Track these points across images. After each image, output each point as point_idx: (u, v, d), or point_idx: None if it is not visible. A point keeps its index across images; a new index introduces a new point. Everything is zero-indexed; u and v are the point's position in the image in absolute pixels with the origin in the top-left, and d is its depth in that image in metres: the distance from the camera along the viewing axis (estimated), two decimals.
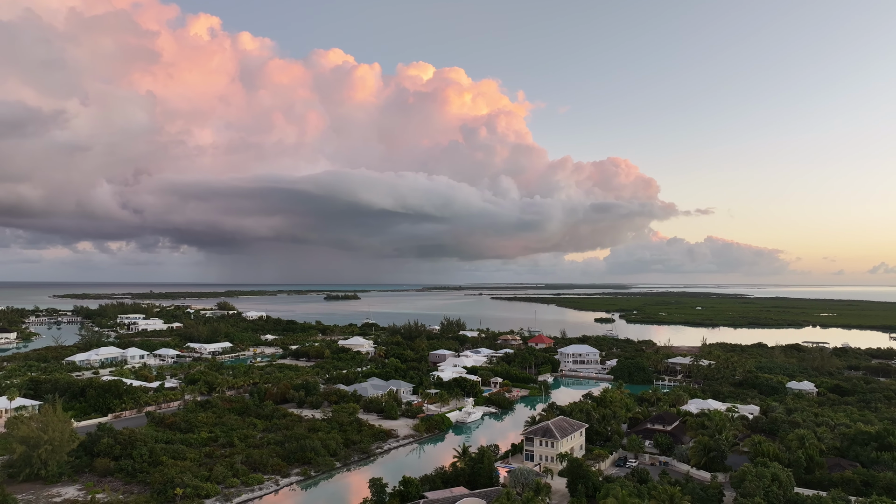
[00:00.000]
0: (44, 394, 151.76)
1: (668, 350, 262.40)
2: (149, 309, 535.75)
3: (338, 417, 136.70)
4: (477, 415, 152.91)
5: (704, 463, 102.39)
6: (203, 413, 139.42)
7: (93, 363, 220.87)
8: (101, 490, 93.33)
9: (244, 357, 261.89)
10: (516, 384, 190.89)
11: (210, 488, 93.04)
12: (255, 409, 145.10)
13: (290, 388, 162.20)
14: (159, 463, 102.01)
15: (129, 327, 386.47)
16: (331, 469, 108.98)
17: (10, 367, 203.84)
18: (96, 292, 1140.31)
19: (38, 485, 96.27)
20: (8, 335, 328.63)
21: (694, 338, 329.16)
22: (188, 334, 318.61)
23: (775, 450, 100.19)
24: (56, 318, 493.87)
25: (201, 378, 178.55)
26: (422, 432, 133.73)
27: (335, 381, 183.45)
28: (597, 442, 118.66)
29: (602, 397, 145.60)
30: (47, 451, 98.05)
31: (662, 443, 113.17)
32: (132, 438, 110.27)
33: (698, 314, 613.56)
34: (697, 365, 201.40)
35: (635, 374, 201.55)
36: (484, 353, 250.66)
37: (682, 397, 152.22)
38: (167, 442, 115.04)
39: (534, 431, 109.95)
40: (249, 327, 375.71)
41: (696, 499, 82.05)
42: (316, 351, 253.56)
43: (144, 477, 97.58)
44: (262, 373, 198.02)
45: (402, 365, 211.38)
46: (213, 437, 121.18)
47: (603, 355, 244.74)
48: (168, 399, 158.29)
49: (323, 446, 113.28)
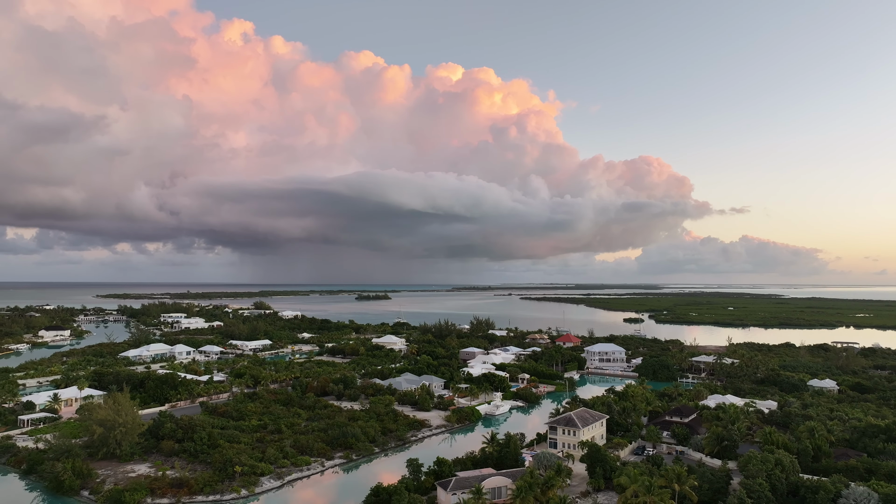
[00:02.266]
0: (107, 385, 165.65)
1: (694, 349, 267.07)
2: (189, 308, 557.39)
3: (375, 408, 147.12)
4: (505, 408, 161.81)
5: (717, 452, 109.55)
6: (251, 403, 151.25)
7: (144, 358, 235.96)
8: (169, 467, 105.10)
9: (283, 354, 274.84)
10: (543, 380, 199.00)
11: (264, 467, 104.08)
12: (298, 400, 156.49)
13: (330, 381, 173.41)
14: (217, 446, 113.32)
15: (173, 325, 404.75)
16: (370, 454, 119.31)
17: (72, 361, 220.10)
18: (136, 292, 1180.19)
19: (113, 462, 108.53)
20: (63, 332, 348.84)
21: (723, 338, 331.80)
22: (229, 332, 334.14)
23: (784, 440, 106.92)
24: (103, 316, 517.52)
25: (247, 372, 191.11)
26: (453, 423, 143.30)
27: (371, 376, 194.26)
28: (617, 432, 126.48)
29: (624, 392, 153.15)
30: (121, 432, 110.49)
31: (679, 433, 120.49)
32: (192, 424, 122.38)
33: (729, 314, 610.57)
34: (721, 363, 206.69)
35: (659, 372, 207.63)
36: (512, 351, 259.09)
37: (701, 393, 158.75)
38: (222, 428, 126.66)
39: (557, 421, 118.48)
40: (286, 326, 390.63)
41: (705, 481, 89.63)
42: (351, 348, 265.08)
43: (205, 457, 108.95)
44: (302, 368, 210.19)
45: (434, 361, 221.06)
46: (262, 424, 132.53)
47: (629, 354, 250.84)
48: (218, 391, 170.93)
49: (363, 433, 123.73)
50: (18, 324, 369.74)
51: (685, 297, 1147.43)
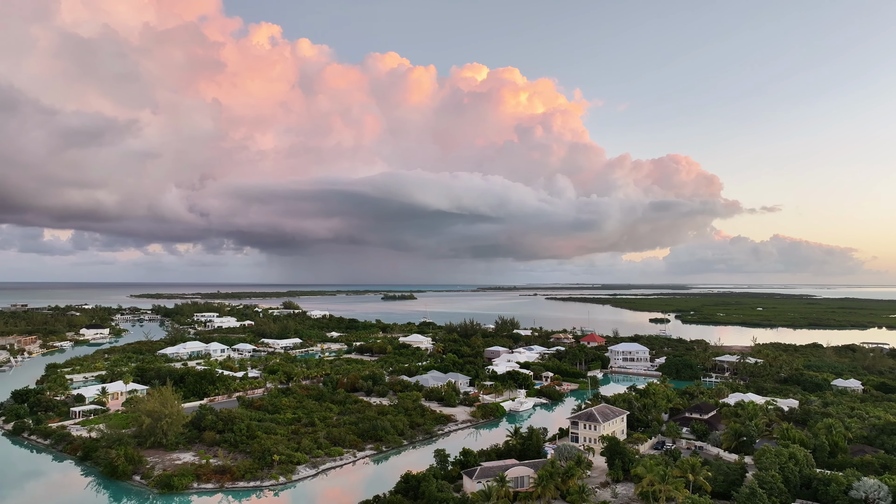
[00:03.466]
0: (149, 380, 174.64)
1: (718, 349, 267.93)
2: (221, 308, 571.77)
3: (403, 404, 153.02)
4: (528, 405, 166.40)
5: (735, 447, 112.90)
6: (285, 398, 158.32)
7: (181, 355, 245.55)
8: (211, 456, 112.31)
9: (312, 352, 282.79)
10: (566, 379, 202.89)
11: (300, 457, 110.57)
12: (329, 395, 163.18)
13: (359, 378, 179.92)
14: (255, 436, 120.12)
15: (206, 324, 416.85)
16: (399, 446, 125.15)
17: (114, 358, 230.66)
18: (168, 292, 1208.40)
19: (160, 451, 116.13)
20: (102, 331, 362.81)
21: (749, 338, 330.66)
22: (260, 331, 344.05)
23: (801, 436, 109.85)
24: (138, 315, 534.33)
25: (280, 369, 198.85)
26: (478, 418, 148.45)
27: (398, 374, 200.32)
28: (638, 428, 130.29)
29: (645, 390, 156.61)
30: (167, 423, 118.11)
31: (698, 429, 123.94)
32: (231, 416, 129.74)
33: (758, 315, 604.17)
34: (744, 362, 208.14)
35: (683, 371, 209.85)
36: (537, 350, 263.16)
37: (722, 391, 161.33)
38: (259, 420, 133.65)
39: (579, 416, 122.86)
40: (315, 325, 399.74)
41: (721, 473, 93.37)
42: (378, 347, 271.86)
43: (245, 447, 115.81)
44: (332, 365, 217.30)
45: (459, 360, 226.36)
46: (296, 417, 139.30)
47: (653, 353, 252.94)
48: (253, 386, 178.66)
49: (392, 427, 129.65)
50: (61, 322, 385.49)
51: (713, 297, 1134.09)
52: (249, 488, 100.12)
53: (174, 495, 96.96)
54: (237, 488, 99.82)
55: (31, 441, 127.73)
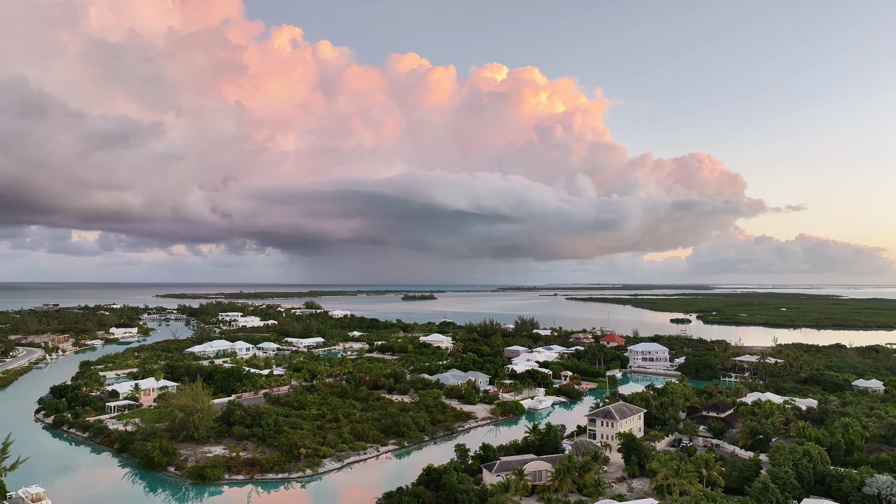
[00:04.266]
0: (179, 377, 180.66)
1: (738, 349, 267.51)
2: (244, 307, 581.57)
3: (424, 401, 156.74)
4: (547, 403, 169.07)
5: (751, 445, 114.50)
6: (310, 395, 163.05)
7: (208, 354, 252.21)
8: (241, 449, 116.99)
9: (335, 351, 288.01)
10: (585, 378, 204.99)
11: (325, 451, 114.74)
12: (352, 393, 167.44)
13: (381, 376, 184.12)
14: (282, 431, 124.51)
15: (230, 324, 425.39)
16: (420, 441, 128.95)
17: (144, 356, 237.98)
18: (192, 292, 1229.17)
19: (192, 444, 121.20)
20: (131, 330, 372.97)
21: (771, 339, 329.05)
22: (284, 330, 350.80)
23: (817, 434, 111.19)
24: (165, 315, 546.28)
25: (304, 367, 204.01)
26: (497, 415, 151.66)
27: (419, 372, 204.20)
28: (655, 426, 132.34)
29: (663, 388, 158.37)
30: (199, 417, 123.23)
31: (715, 427, 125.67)
32: (259, 412, 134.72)
33: (781, 315, 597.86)
34: (763, 362, 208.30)
35: (702, 371, 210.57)
36: (556, 349, 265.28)
37: (741, 390, 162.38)
38: (285, 416, 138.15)
39: (596, 414, 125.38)
40: (337, 325, 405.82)
41: (735, 469, 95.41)
42: (399, 346, 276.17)
43: (272, 441, 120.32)
44: (354, 364, 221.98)
45: (479, 359, 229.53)
46: (321, 413, 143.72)
47: (672, 353, 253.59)
48: (278, 384, 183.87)
49: (413, 423, 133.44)
50: (91, 321, 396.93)
51: (736, 297, 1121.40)
52: (278, 480, 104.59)
53: (207, 485, 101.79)
54: (266, 480, 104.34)
55: (71, 434, 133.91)
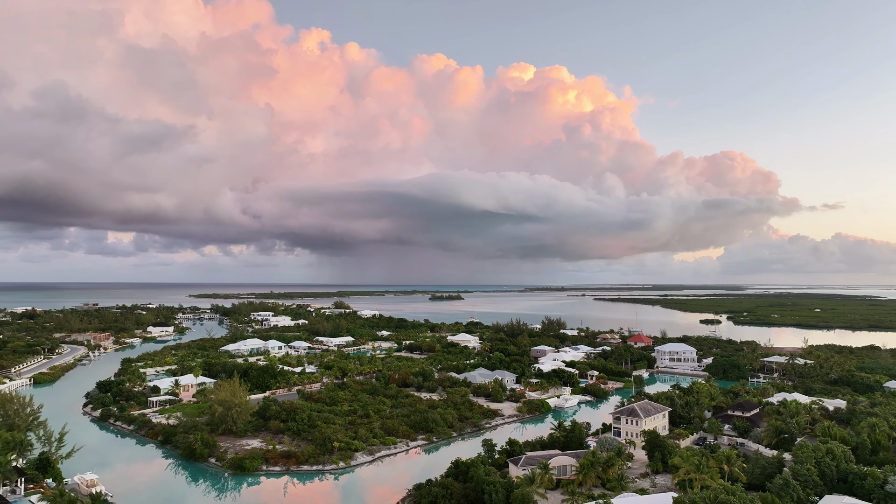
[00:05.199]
0: (216, 374, 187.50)
1: (767, 350, 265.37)
2: (275, 307, 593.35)
3: (452, 398, 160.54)
4: (573, 402, 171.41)
5: (775, 443, 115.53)
6: (341, 392, 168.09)
7: (242, 352, 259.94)
8: (277, 442, 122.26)
9: (364, 350, 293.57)
10: (612, 377, 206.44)
11: (358, 445, 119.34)
12: (382, 390, 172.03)
13: (410, 374, 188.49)
14: (316, 426, 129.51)
15: (262, 323, 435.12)
16: (449, 437, 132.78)
17: (181, 354, 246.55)
18: (224, 292, 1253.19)
19: (231, 437, 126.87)
20: (167, 328, 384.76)
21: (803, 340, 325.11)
22: (314, 329, 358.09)
23: (843, 434, 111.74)
24: (199, 315, 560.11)
25: (335, 365, 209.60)
26: (524, 413, 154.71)
27: (447, 370, 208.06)
28: (680, 424, 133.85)
29: (689, 388, 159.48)
30: (237, 412, 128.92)
31: (740, 426, 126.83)
32: (293, 407, 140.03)
33: (815, 316, 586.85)
34: (793, 363, 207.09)
35: (729, 372, 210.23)
36: (583, 349, 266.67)
37: (768, 391, 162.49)
38: (318, 412, 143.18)
39: (621, 412, 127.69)
40: (365, 324, 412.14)
41: (758, 466, 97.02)
42: (427, 345, 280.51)
43: (306, 435, 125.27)
44: (383, 362, 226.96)
45: (506, 358, 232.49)
46: (352, 409, 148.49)
47: (700, 354, 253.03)
48: (310, 381, 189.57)
49: (442, 419, 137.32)
50: (130, 320, 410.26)
51: (769, 298, 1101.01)
52: (313, 471, 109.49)
53: (246, 476, 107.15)
54: (302, 471, 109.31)
55: (117, 427, 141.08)
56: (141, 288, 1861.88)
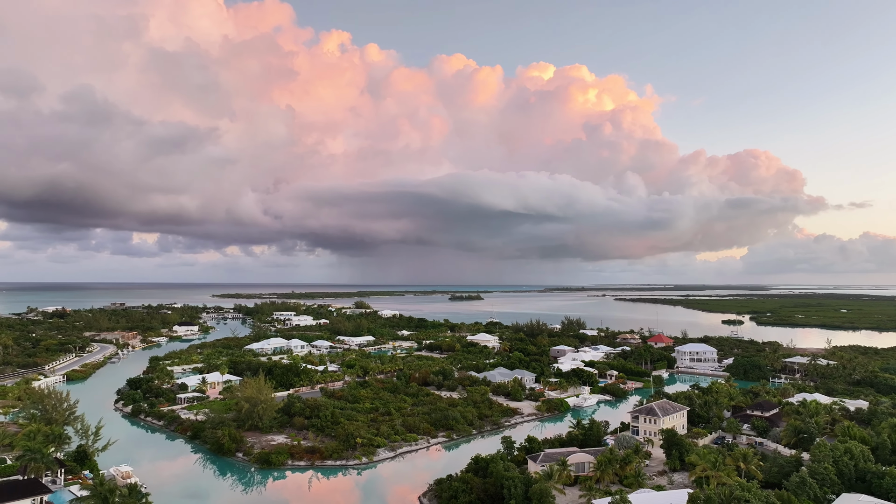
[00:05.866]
0: (241, 371, 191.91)
1: (789, 351, 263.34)
2: (297, 307, 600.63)
3: (472, 397, 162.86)
4: (592, 401, 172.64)
5: (794, 443, 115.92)
6: (363, 390, 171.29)
7: (266, 351, 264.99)
8: (301, 438, 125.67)
9: (385, 349, 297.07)
10: (631, 377, 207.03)
11: (380, 441, 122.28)
12: (403, 388, 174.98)
13: (430, 373, 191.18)
14: (339, 422, 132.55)
15: (285, 322, 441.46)
16: (468, 434, 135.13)
17: (207, 352, 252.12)
18: (246, 292, 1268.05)
19: (257, 433, 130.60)
20: (192, 328, 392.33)
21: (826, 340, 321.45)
22: (335, 329, 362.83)
23: (863, 434, 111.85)
24: (222, 314, 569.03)
25: (356, 364, 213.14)
26: (543, 412, 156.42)
27: (467, 370, 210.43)
28: (699, 424, 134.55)
29: (708, 388, 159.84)
30: (263, 408, 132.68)
31: (758, 426, 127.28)
32: (317, 404, 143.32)
33: (840, 317, 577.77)
34: (815, 364, 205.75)
35: (750, 372, 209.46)
36: (602, 349, 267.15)
37: (788, 391, 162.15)
38: (341, 409, 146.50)
39: (639, 411, 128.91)
40: (386, 324, 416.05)
41: (775, 465, 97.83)
42: (447, 345, 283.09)
43: (330, 431, 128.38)
44: (404, 361, 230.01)
45: (525, 358, 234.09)
46: (374, 407, 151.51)
47: (720, 354, 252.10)
48: (333, 379, 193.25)
49: (462, 417, 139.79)
50: (156, 320, 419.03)
51: (794, 298, 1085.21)
52: (336, 466, 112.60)
53: (272, 470, 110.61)
54: (326, 466, 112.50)
55: (147, 422, 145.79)
56: (165, 288, 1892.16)
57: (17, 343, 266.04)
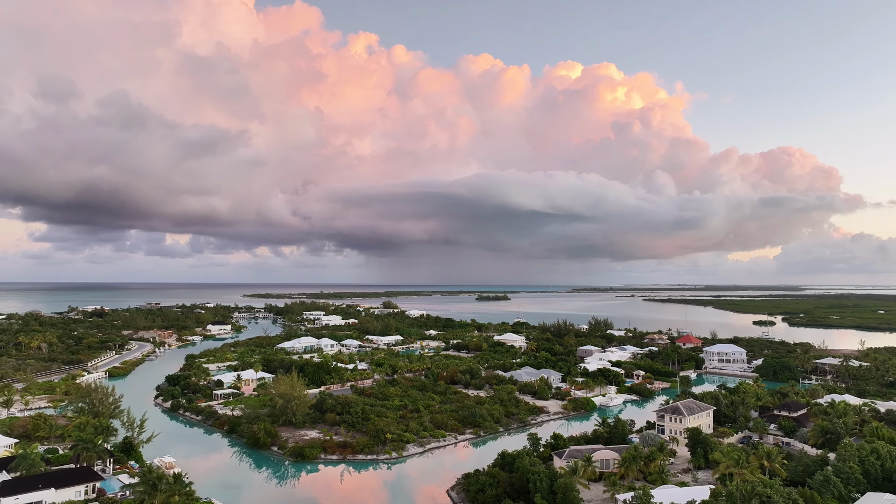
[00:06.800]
0: (274, 369, 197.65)
1: (821, 352, 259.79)
2: (326, 307, 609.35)
3: (498, 395, 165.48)
4: (618, 400, 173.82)
5: (821, 443, 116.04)
6: (392, 388, 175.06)
7: (297, 349, 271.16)
8: (333, 433, 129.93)
9: (412, 348, 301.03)
10: (658, 377, 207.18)
11: (409, 437, 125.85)
12: (431, 386, 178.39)
13: (458, 372, 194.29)
14: (369, 419, 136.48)
15: (314, 322, 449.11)
16: (495, 432, 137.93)
17: (240, 351, 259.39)
18: (276, 292, 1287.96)
19: (290, 428, 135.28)
20: (225, 327, 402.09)
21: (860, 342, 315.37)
22: (364, 328, 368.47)
23: (891, 434, 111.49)
24: (253, 314, 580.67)
25: (385, 362, 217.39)
26: (569, 411, 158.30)
27: (493, 369, 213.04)
28: (725, 423, 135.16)
29: (735, 388, 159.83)
30: (296, 404, 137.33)
31: (786, 426, 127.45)
32: (348, 401, 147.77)
33: (878, 318, 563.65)
34: (847, 365, 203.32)
35: (780, 373, 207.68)
36: (629, 350, 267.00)
37: (818, 392, 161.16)
38: (371, 405, 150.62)
39: (665, 410, 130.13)
40: (413, 324, 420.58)
41: (801, 464, 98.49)
42: (474, 344, 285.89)
43: (361, 427, 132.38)
44: (432, 360, 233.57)
45: (552, 357, 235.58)
46: (403, 404, 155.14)
47: (750, 355, 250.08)
48: (362, 377, 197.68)
49: (489, 415, 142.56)
50: (190, 319, 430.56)
51: (829, 299, 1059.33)
52: (367, 460, 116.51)
53: (305, 463, 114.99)
54: (357, 460, 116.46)
55: (186, 417, 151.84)
56: (197, 288, 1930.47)
57: (61, 341, 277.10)
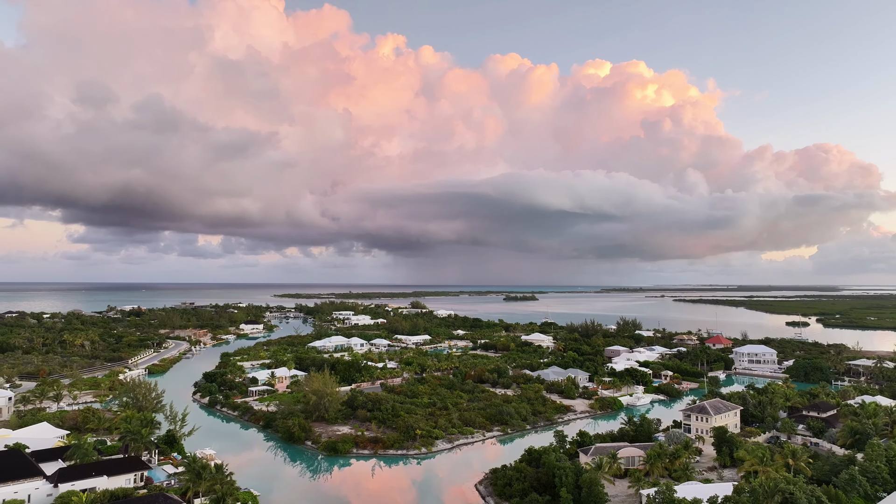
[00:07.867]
0: (306, 367, 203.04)
1: (855, 353, 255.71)
2: (355, 307, 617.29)
3: (526, 394, 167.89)
4: (646, 400, 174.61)
5: (850, 444, 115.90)
6: (421, 386, 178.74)
7: (328, 348, 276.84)
8: (364, 429, 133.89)
9: (441, 348, 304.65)
10: (686, 378, 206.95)
11: (438, 433, 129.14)
12: (459, 385, 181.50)
13: (486, 371, 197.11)
14: (399, 415, 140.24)
15: (344, 321, 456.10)
16: (522, 429, 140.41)
17: (273, 349, 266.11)
18: (306, 292, 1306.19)
19: (323, 424, 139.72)
20: (257, 326, 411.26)
21: None
22: (393, 328, 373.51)
23: None
24: (284, 313, 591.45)
25: (414, 361, 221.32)
26: (596, 410, 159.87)
27: (521, 368, 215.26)
28: (752, 423, 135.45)
29: (763, 389, 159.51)
30: (329, 401, 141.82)
31: (814, 427, 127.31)
32: (378, 398, 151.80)
33: None
34: (881, 367, 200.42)
35: (811, 374, 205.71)
36: (658, 350, 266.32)
37: (849, 393, 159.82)
38: (401, 403, 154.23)
39: (691, 409, 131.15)
40: (441, 323, 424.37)
41: (827, 463, 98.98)
42: (502, 344, 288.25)
43: (391, 424, 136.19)
44: (460, 360, 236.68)
45: (579, 357, 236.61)
46: (432, 402, 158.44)
47: (781, 356, 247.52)
48: (392, 376, 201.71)
49: (516, 413, 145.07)
50: (224, 318, 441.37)
51: (867, 300, 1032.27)
52: (398, 455, 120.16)
53: (338, 457, 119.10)
54: (388, 455, 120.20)
55: (223, 412, 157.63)
56: (229, 288, 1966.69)
57: (103, 339, 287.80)
